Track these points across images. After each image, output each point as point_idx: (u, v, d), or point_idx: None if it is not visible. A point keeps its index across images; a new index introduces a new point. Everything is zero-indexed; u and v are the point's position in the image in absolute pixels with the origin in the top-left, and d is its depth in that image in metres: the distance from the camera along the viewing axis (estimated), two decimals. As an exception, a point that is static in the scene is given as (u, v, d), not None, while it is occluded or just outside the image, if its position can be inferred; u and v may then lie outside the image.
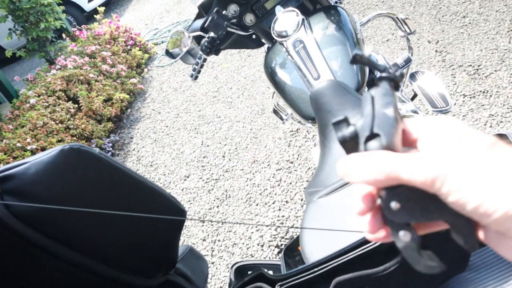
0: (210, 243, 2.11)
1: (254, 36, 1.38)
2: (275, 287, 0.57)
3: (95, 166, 0.48)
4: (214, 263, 2.01)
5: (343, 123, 0.31)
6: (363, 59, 0.32)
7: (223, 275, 1.93)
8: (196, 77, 1.37)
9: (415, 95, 1.52)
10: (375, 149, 0.28)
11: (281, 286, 0.57)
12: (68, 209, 0.44)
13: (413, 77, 1.46)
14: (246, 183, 2.40)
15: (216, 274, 1.95)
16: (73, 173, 0.46)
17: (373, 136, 0.29)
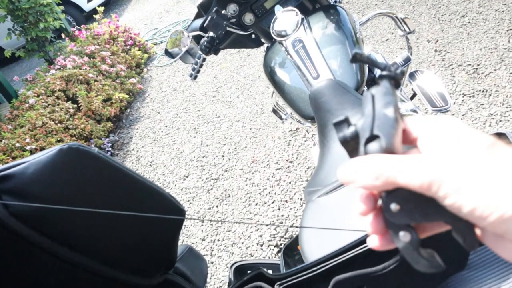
0: (209, 243, 2.11)
1: (253, 35, 1.38)
2: (274, 286, 0.57)
3: (94, 165, 0.48)
4: (213, 263, 2.01)
5: (344, 123, 0.31)
6: (363, 57, 0.32)
7: (223, 275, 1.93)
8: (195, 77, 1.37)
9: (414, 94, 1.52)
10: (374, 151, 0.28)
11: (280, 285, 0.57)
12: (67, 209, 0.44)
13: (413, 76, 1.46)
14: (245, 182, 2.40)
15: (215, 273, 1.95)
16: (72, 173, 0.46)
17: (373, 137, 0.29)
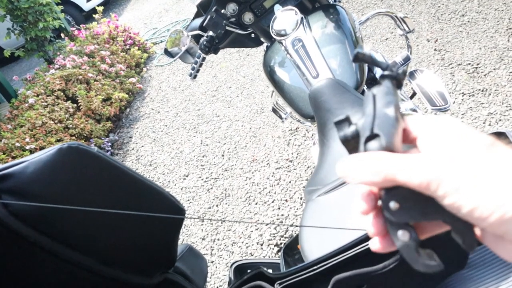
0: (209, 242, 2.11)
1: (253, 35, 1.38)
2: (274, 285, 0.57)
3: (93, 164, 0.48)
4: (213, 262, 2.01)
5: (345, 122, 0.31)
6: (365, 57, 0.33)
7: (223, 274, 1.93)
8: (195, 76, 1.37)
9: (414, 94, 1.52)
10: (374, 149, 0.28)
11: (280, 284, 0.57)
12: (66, 208, 0.44)
13: (412, 75, 1.46)
14: (245, 182, 2.40)
15: (215, 273, 1.95)
16: (71, 172, 0.46)
17: (373, 136, 0.29)
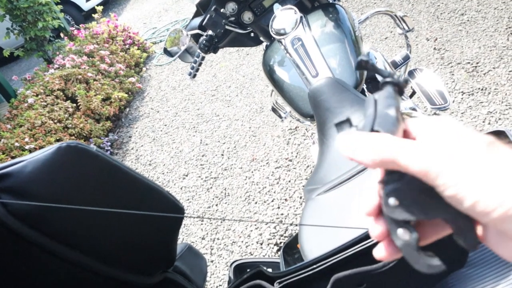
0: (209, 242, 2.11)
1: (252, 34, 1.37)
2: (274, 284, 0.57)
3: (92, 163, 0.48)
4: (213, 262, 2.01)
5: (346, 123, 0.31)
6: (368, 65, 0.33)
7: (222, 273, 1.93)
8: (194, 75, 1.37)
9: (413, 93, 1.52)
10: None
11: (280, 283, 0.56)
12: (65, 207, 0.44)
13: (412, 74, 1.46)
14: (245, 181, 2.40)
15: (215, 272, 1.95)
16: (70, 171, 0.46)
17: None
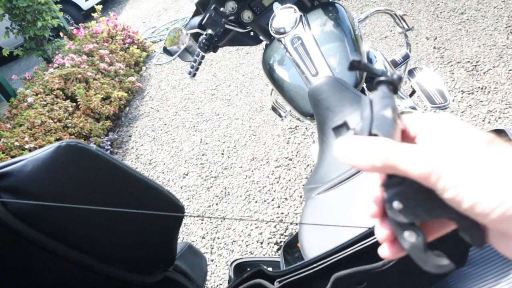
0: (209, 241, 2.11)
1: (252, 33, 1.37)
2: (274, 283, 0.57)
3: (92, 162, 0.48)
4: (213, 261, 2.01)
5: (343, 127, 0.31)
6: (361, 65, 0.32)
7: (223, 272, 1.93)
8: (194, 74, 1.37)
9: (413, 92, 1.52)
10: None
11: (280, 282, 0.56)
12: (65, 206, 0.44)
13: (412, 73, 1.46)
14: (245, 180, 2.40)
15: (215, 271, 1.95)
16: (70, 170, 0.46)
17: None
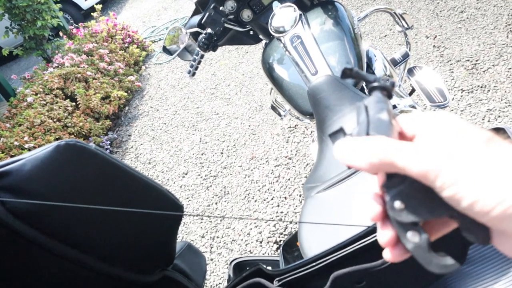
0: (209, 240, 2.11)
1: (251, 32, 1.37)
2: (273, 282, 0.57)
3: (91, 161, 0.48)
4: (213, 260, 2.01)
5: (340, 133, 0.31)
6: (353, 73, 0.33)
7: (222, 272, 1.93)
8: (193, 74, 1.37)
9: (413, 90, 1.52)
10: None
11: (279, 281, 0.56)
12: (64, 205, 0.44)
13: (411, 72, 1.46)
14: (244, 179, 2.40)
15: (215, 270, 1.95)
16: (69, 169, 0.46)
17: None
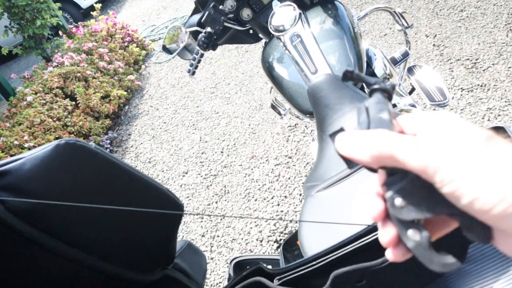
0: (209, 239, 2.11)
1: (251, 31, 1.37)
2: (273, 281, 0.57)
3: (91, 160, 0.48)
4: (213, 259, 2.01)
5: (340, 133, 0.32)
6: (354, 75, 0.33)
7: (222, 271, 1.93)
8: (193, 73, 1.37)
9: (413, 89, 1.51)
10: None
11: (279, 280, 0.56)
12: (63, 204, 0.44)
13: (411, 71, 1.46)
14: (244, 178, 2.40)
15: (215, 269, 1.95)
16: (69, 168, 0.46)
17: None
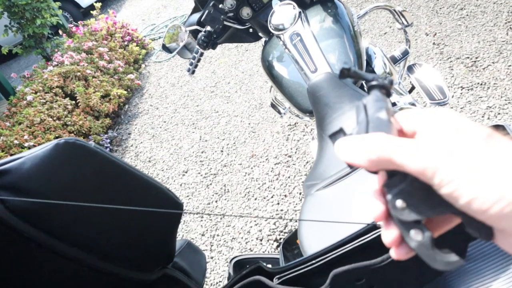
0: (209, 238, 2.12)
1: (251, 29, 1.37)
2: (273, 280, 0.57)
3: (90, 160, 0.48)
4: (213, 258, 2.01)
5: (340, 133, 0.32)
6: (351, 72, 0.33)
7: (222, 270, 1.94)
8: (193, 72, 1.37)
9: (412, 88, 1.51)
10: None
11: (279, 278, 0.57)
12: (63, 204, 0.44)
13: (411, 69, 1.46)
14: (244, 177, 2.40)
15: (215, 268, 1.96)
16: (69, 167, 0.46)
17: None
